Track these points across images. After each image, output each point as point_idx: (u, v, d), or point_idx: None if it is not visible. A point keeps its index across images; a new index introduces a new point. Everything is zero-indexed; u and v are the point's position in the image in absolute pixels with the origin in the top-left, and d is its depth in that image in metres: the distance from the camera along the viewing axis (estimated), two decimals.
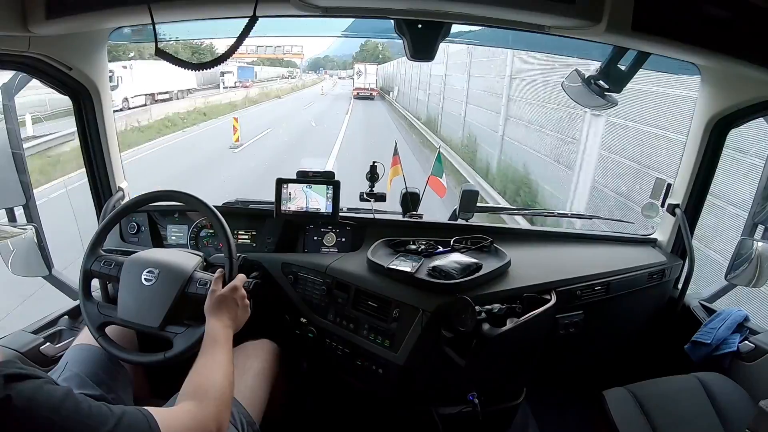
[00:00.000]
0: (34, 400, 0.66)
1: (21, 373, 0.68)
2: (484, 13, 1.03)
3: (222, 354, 1.03)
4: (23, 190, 1.42)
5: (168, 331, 1.18)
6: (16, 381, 0.67)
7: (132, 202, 1.33)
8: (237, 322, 1.15)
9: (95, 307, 1.23)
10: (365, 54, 46.60)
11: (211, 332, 1.07)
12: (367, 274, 1.43)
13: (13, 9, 1.00)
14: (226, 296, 1.15)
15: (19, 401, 0.65)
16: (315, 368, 1.62)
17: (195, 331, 1.16)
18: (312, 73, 61.61)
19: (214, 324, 1.09)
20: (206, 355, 1.02)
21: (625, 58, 1.25)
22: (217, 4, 1.04)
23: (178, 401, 0.91)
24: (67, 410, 0.69)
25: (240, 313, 1.16)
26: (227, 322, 1.11)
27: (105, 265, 1.26)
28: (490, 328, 1.17)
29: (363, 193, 1.71)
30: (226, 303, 1.14)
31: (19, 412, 0.65)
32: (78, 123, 1.54)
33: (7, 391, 0.64)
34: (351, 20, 1.32)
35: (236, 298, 1.16)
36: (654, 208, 1.68)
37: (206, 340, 1.06)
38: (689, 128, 1.55)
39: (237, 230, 1.66)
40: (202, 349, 1.04)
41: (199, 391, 0.92)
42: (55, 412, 0.67)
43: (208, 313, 1.12)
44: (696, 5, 0.92)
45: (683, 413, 1.32)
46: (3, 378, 0.65)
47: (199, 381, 0.95)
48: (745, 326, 1.48)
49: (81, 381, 1.14)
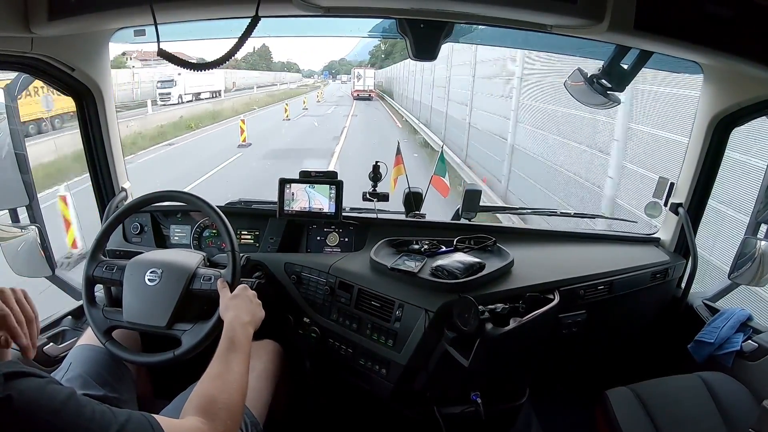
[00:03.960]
0: (35, 402, 0.65)
1: (22, 371, 0.67)
2: (486, 13, 1.03)
3: (240, 363, 0.98)
4: (26, 190, 1.42)
5: (176, 329, 1.18)
6: (16, 379, 0.65)
7: (134, 203, 1.33)
8: (255, 318, 1.13)
9: (100, 312, 1.23)
10: (374, 59, 46.61)
11: (229, 332, 1.03)
12: (370, 274, 1.43)
13: (15, 10, 1.01)
14: (239, 294, 1.15)
15: (19, 402, 0.63)
16: (318, 368, 1.62)
17: (203, 327, 1.16)
18: (313, 77, 61.45)
19: (234, 323, 1.05)
20: (223, 361, 0.97)
21: (627, 57, 1.25)
22: (220, 4, 1.04)
23: (185, 411, 0.86)
24: (69, 413, 0.67)
25: (256, 309, 1.15)
26: (246, 318, 1.09)
27: (107, 270, 1.27)
28: (493, 328, 1.17)
29: (366, 193, 1.71)
30: (242, 299, 1.13)
31: (20, 413, 0.63)
32: (81, 124, 1.54)
33: (7, 391, 0.63)
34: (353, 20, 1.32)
35: (249, 295, 1.16)
36: (657, 207, 1.68)
37: (224, 343, 1.01)
38: (692, 127, 1.55)
39: (240, 230, 1.67)
40: (218, 353, 0.99)
41: (211, 408, 0.87)
42: (56, 414, 0.66)
43: (224, 314, 1.10)
44: (698, 4, 0.92)
45: (686, 413, 1.32)
46: (3, 377, 0.64)
47: (212, 395, 0.89)
48: (749, 325, 1.47)
49: (85, 381, 1.14)
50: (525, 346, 1.36)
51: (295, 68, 68.67)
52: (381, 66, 34.31)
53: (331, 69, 58.66)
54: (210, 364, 0.96)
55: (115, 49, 3.59)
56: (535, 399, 1.64)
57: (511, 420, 1.61)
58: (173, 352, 1.16)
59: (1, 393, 0.62)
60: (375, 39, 8.67)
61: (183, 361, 1.15)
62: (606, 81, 1.29)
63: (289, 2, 0.98)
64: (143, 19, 1.13)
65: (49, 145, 9.19)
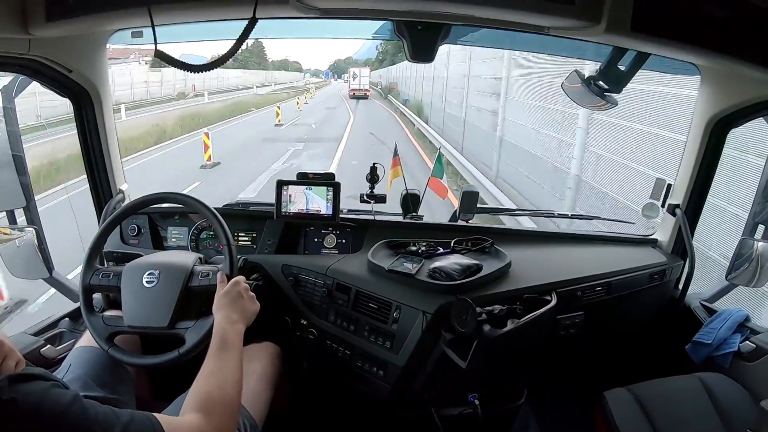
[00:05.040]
0: (40, 405, 0.65)
1: (27, 374, 0.67)
2: (483, 15, 1.03)
3: (232, 359, 0.99)
4: (24, 192, 1.42)
5: (178, 327, 1.18)
6: (21, 382, 0.65)
7: (131, 205, 1.33)
8: (246, 315, 1.13)
9: (100, 320, 1.22)
10: (384, 56, 46.37)
11: (219, 332, 1.04)
12: (367, 276, 1.43)
13: (13, 11, 1.00)
14: (229, 291, 1.14)
15: (24, 405, 0.63)
16: (316, 370, 1.62)
17: (205, 323, 1.16)
18: (320, 77, 60.74)
19: (222, 322, 1.06)
20: (215, 359, 0.98)
21: (624, 59, 1.25)
22: (217, 6, 1.04)
23: (183, 410, 0.88)
24: (74, 416, 0.67)
25: (247, 305, 1.15)
26: (235, 317, 1.09)
27: (104, 278, 1.25)
28: (490, 329, 1.16)
29: (363, 195, 1.71)
30: (231, 297, 1.13)
31: (24, 416, 0.63)
32: (78, 125, 1.53)
33: (12, 394, 0.63)
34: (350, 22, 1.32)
35: (240, 290, 1.15)
36: (654, 209, 1.68)
37: (215, 342, 1.01)
38: (689, 128, 1.55)
39: (237, 232, 1.67)
40: (210, 352, 1.00)
41: (208, 404, 0.88)
42: (60, 417, 0.66)
43: (216, 313, 1.10)
44: (695, 5, 0.92)
45: (684, 414, 1.32)
46: (8, 379, 0.64)
47: (208, 392, 0.91)
48: (746, 326, 1.47)
49: (84, 383, 1.14)
50: (523, 348, 1.36)
51: (295, 67, 67.28)
52: (392, 62, 33.72)
53: (337, 68, 58.31)
54: (204, 363, 0.97)
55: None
56: (533, 400, 1.64)
57: (509, 421, 1.61)
58: (178, 350, 1.15)
59: (5, 396, 0.63)
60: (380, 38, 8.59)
61: (181, 364, 1.14)
62: (603, 82, 1.29)
63: (286, 4, 0.98)
64: (141, 21, 1.13)
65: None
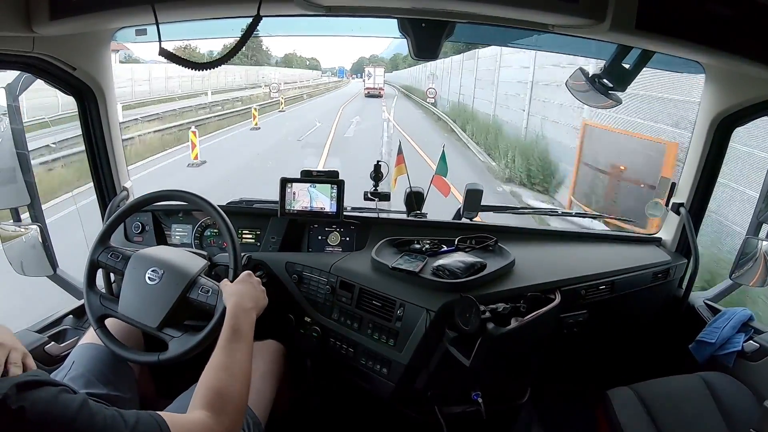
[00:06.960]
0: (48, 413, 0.65)
1: (35, 380, 0.67)
2: (488, 12, 1.03)
3: (243, 352, 0.98)
4: (28, 189, 1.42)
5: (165, 333, 1.16)
6: (30, 389, 0.65)
7: (137, 202, 1.33)
8: (258, 304, 1.13)
9: (98, 298, 1.23)
10: (398, 61, 46.21)
11: (232, 320, 1.02)
12: (371, 274, 1.43)
13: (17, 9, 1.01)
14: (243, 280, 1.15)
15: (33, 414, 0.63)
16: (319, 368, 1.62)
17: (191, 339, 1.14)
18: (334, 76, 59.75)
19: (236, 309, 1.05)
20: (226, 351, 0.97)
21: (629, 57, 1.25)
22: (222, 3, 1.04)
23: (192, 406, 0.87)
24: (82, 422, 0.67)
25: (260, 296, 1.16)
26: (249, 303, 1.09)
27: (112, 257, 1.26)
28: (494, 328, 1.17)
29: (367, 192, 1.71)
30: (245, 285, 1.14)
31: (33, 424, 0.63)
32: (82, 123, 1.54)
33: (20, 402, 0.62)
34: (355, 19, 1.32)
35: (253, 282, 1.17)
36: (658, 207, 1.67)
37: (226, 332, 1.00)
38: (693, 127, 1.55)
39: (241, 229, 1.67)
40: (221, 343, 0.98)
41: (217, 402, 0.87)
42: (69, 424, 0.66)
43: (227, 300, 1.09)
44: (700, 3, 0.92)
45: (688, 413, 1.32)
46: (16, 387, 0.63)
47: (218, 388, 0.90)
48: (750, 325, 1.47)
49: (87, 380, 1.14)
50: (526, 346, 1.36)
51: (312, 65, 64.82)
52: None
53: (360, 66, 57.58)
54: (213, 354, 0.96)
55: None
56: (537, 399, 1.64)
57: (512, 420, 1.61)
58: (158, 356, 1.15)
59: (14, 405, 0.62)
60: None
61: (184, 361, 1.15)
62: (607, 81, 1.28)
63: (290, 1, 0.98)
64: (145, 19, 1.12)
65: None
